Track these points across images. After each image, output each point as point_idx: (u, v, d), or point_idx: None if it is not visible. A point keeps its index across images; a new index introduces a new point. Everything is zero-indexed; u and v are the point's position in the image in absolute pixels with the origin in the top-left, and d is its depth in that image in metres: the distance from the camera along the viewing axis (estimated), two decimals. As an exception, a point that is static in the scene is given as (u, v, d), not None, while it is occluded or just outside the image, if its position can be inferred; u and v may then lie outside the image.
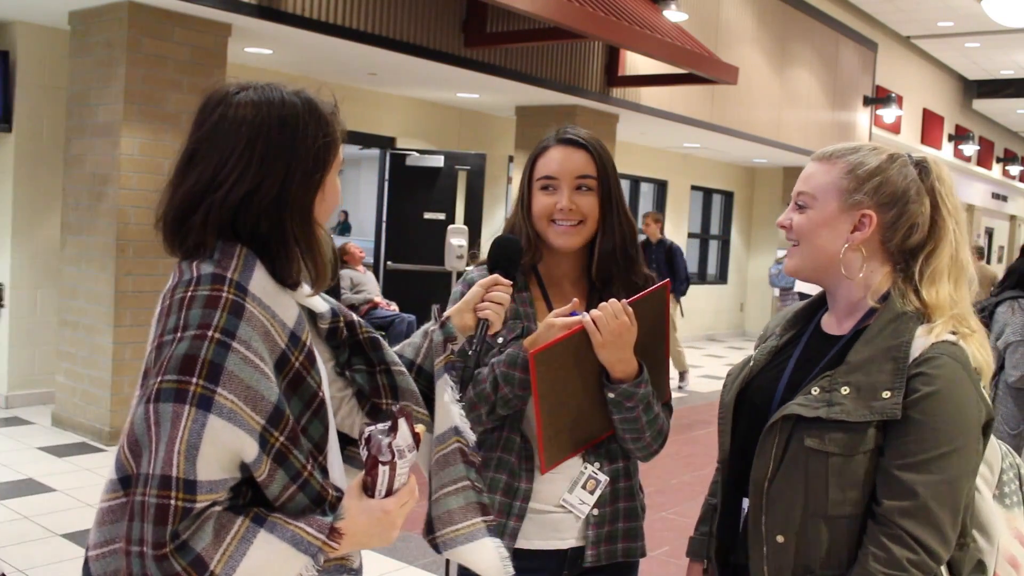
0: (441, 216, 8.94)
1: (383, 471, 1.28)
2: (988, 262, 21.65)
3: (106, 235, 5.80)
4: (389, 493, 1.30)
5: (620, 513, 1.84)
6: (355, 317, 1.54)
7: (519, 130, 9.31)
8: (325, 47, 6.69)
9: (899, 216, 1.55)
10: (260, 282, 1.28)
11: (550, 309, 1.85)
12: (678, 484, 5.61)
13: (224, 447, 1.18)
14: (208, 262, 1.28)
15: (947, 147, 17.91)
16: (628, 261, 1.88)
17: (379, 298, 8.22)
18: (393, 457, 1.29)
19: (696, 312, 13.72)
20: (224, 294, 1.23)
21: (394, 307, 8.27)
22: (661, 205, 13.21)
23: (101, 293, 5.85)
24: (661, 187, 13.21)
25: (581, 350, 1.71)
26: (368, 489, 1.30)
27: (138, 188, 5.76)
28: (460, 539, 1.52)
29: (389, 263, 9.12)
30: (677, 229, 13.45)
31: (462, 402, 1.59)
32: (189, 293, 1.24)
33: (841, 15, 13.11)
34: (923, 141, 16.69)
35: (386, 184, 9.49)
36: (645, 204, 13.11)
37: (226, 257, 1.27)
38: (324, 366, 1.43)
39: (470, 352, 1.67)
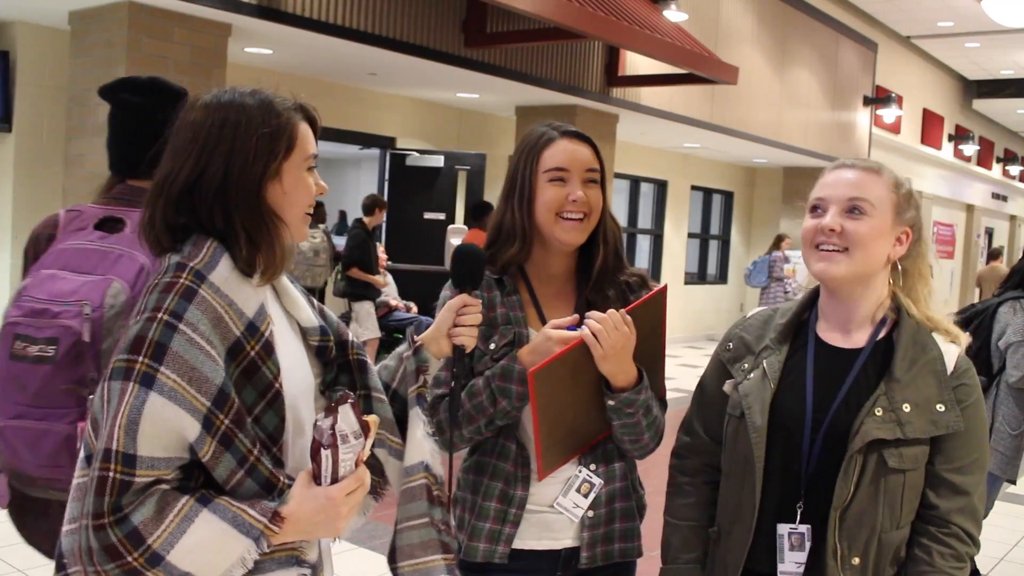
0: (441, 216, 8.94)
1: (325, 456, 1.29)
2: (987, 263, 21.63)
3: (106, 235, 5.80)
4: (335, 480, 1.30)
5: (616, 514, 1.82)
6: (350, 337, 1.56)
7: (519, 130, 9.30)
8: (325, 47, 6.68)
9: (918, 238, 1.66)
10: (223, 272, 1.33)
11: (539, 312, 1.83)
12: (678, 484, 5.57)
13: (165, 425, 1.21)
14: (178, 254, 1.34)
15: (947, 147, 17.89)
16: (619, 259, 1.87)
17: (396, 300, 8.17)
18: (335, 442, 1.29)
19: (696, 312, 13.73)
20: (181, 280, 1.29)
21: (414, 309, 8.23)
22: (661, 205, 13.21)
23: (101, 293, 5.84)
24: (661, 187, 13.21)
25: (580, 362, 1.68)
26: (316, 477, 1.31)
27: (138, 188, 5.75)
28: (418, 574, 1.52)
29: (389, 263, 9.12)
30: (677, 229, 13.45)
31: (435, 436, 1.57)
32: (155, 281, 1.32)
33: (841, 15, 13.11)
34: (923, 141, 16.68)
35: (386, 184, 9.49)
36: (645, 204, 13.11)
37: (196, 248, 1.34)
38: (301, 366, 1.44)
39: (452, 383, 1.65)
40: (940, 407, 1.54)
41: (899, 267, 1.65)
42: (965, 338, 1.65)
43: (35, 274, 1.92)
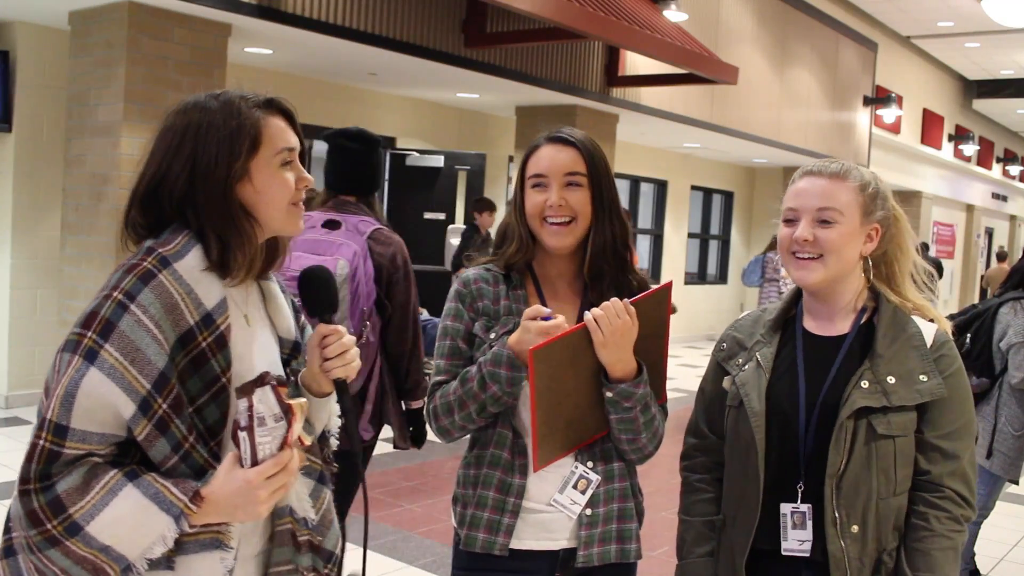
0: (441, 216, 8.94)
1: (243, 438, 1.30)
2: (987, 264, 21.63)
3: (106, 235, 5.80)
4: (256, 464, 1.30)
5: (614, 514, 1.83)
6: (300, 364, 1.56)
7: (519, 130, 9.30)
8: (325, 47, 6.68)
9: (887, 229, 1.76)
10: (190, 262, 1.34)
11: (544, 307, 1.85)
12: (678, 484, 5.59)
13: (99, 400, 1.24)
14: (152, 239, 1.37)
15: (947, 147, 17.90)
16: (619, 260, 1.87)
17: None
18: (251, 424, 1.29)
19: (696, 312, 13.73)
20: (144, 264, 1.32)
21: (424, 313, 8.19)
22: (661, 205, 13.21)
23: (101, 293, 5.84)
24: (661, 187, 13.21)
25: (580, 348, 1.69)
26: (240, 461, 1.31)
27: (138, 188, 5.75)
28: None
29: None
30: (677, 229, 13.46)
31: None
32: (123, 262, 1.35)
33: (841, 15, 13.11)
34: (923, 141, 16.68)
35: (386, 184, 9.49)
36: (645, 204, 13.11)
37: (171, 236, 1.36)
38: (273, 369, 1.44)
39: (345, 417, 1.57)
40: (923, 377, 1.65)
41: (870, 261, 1.76)
42: (947, 324, 1.76)
43: (290, 255, 2.71)
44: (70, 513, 1.22)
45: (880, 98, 13.73)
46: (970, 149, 18.68)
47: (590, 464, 1.81)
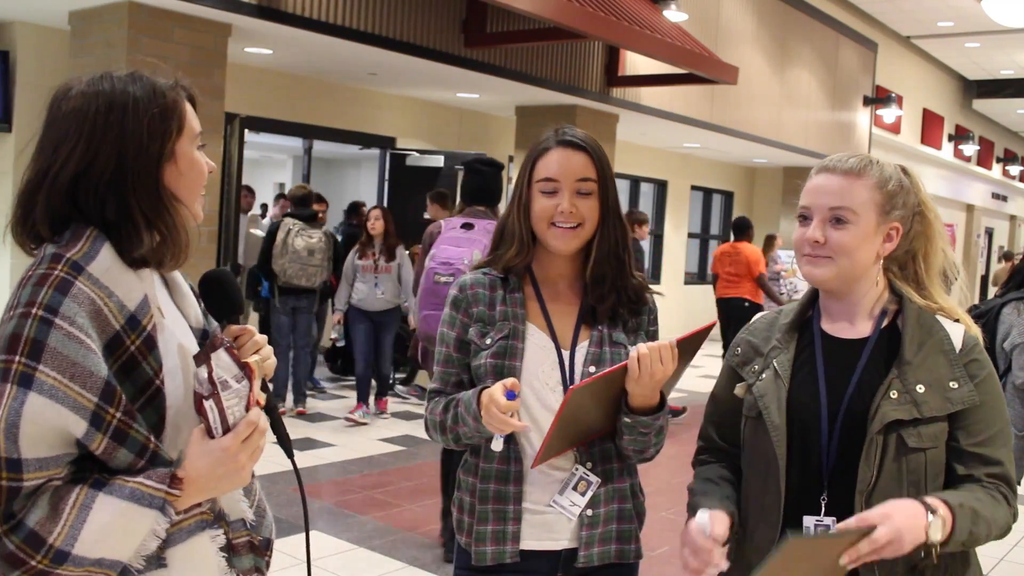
0: (441, 216, 8.93)
1: (209, 407, 1.25)
2: (987, 264, 21.63)
3: (106, 235, 5.79)
4: (228, 431, 1.26)
5: (613, 515, 1.84)
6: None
7: (519, 130, 9.30)
8: (325, 47, 6.69)
9: (911, 227, 1.67)
10: (103, 263, 1.26)
11: (543, 308, 1.86)
12: (678, 484, 5.58)
13: (46, 425, 1.16)
14: (53, 244, 1.28)
15: (947, 147, 17.90)
16: (619, 264, 1.87)
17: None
18: (215, 389, 1.25)
19: (697, 312, 13.72)
20: (56, 272, 1.23)
21: None
22: (661, 205, 13.22)
23: (101, 293, 5.84)
24: (661, 187, 13.21)
25: (616, 381, 1.72)
26: (209, 432, 1.27)
27: (138, 188, 5.75)
28: None
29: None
30: (677, 229, 13.45)
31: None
32: (29, 273, 1.25)
33: (841, 15, 13.11)
34: (923, 141, 16.68)
35: (386, 184, 9.49)
36: (645, 204, 13.12)
37: (74, 239, 1.27)
38: (180, 358, 1.36)
39: (270, 414, 1.47)
40: (953, 384, 1.57)
41: (891, 260, 1.68)
42: (977, 328, 1.66)
43: (438, 247, 4.04)
44: (50, 543, 1.16)
45: (880, 98, 13.74)
46: (970, 149, 18.68)
47: (590, 465, 1.82)
